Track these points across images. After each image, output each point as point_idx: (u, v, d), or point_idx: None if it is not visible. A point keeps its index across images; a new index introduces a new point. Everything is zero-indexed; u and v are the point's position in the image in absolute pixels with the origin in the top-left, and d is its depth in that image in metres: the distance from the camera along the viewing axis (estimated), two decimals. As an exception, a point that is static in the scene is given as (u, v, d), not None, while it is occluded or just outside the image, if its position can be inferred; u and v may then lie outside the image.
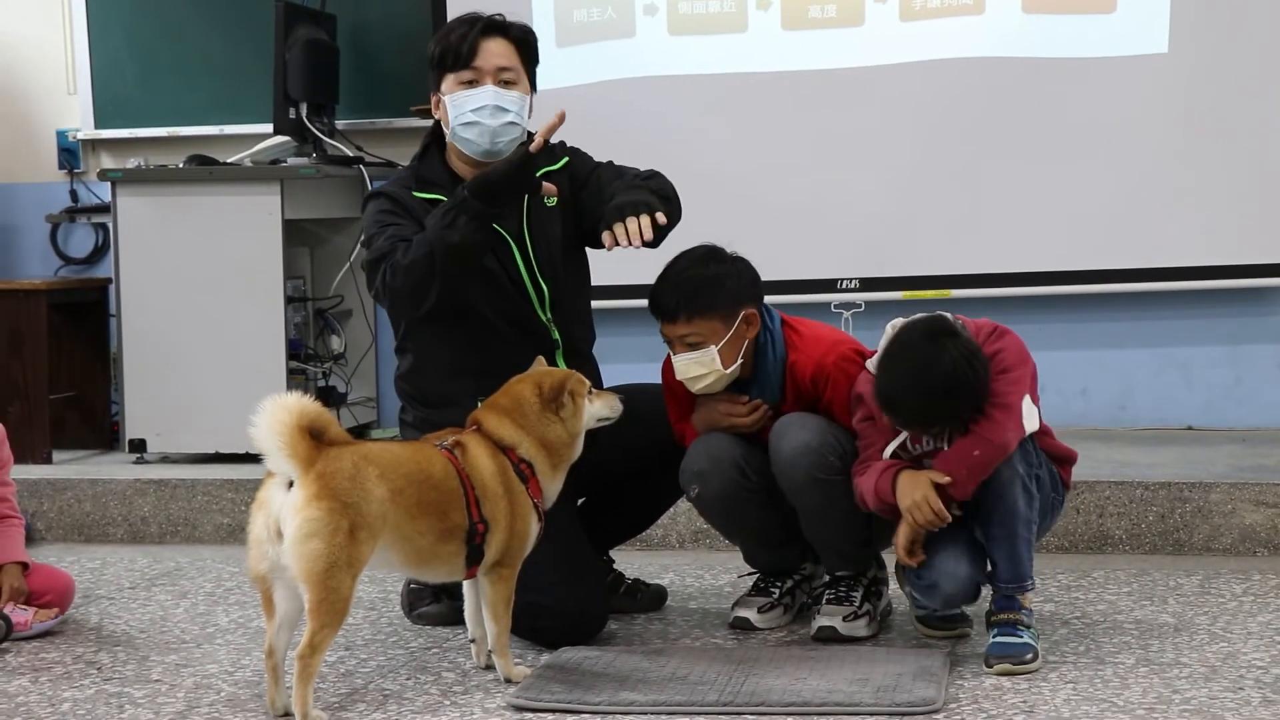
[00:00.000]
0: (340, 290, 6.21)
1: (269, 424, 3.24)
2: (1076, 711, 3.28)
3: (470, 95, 3.97)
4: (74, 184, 6.79)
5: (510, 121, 3.98)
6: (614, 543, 4.31)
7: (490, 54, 3.99)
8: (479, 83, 3.98)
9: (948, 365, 3.55)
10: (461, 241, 3.76)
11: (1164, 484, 4.93)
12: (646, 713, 3.33)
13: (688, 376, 3.87)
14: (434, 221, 3.81)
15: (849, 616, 3.88)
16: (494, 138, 3.98)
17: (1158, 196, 5.86)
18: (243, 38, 6.41)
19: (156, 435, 5.89)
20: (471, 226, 3.76)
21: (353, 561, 3.27)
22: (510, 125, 3.98)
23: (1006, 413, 3.60)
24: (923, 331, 3.64)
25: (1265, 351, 6.01)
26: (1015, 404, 3.61)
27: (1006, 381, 3.62)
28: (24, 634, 4.05)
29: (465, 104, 3.97)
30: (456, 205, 3.78)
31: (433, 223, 3.81)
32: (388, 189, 4.06)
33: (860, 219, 6.02)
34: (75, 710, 3.49)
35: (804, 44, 6.05)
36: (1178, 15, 5.81)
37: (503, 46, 4.01)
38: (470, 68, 3.99)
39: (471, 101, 3.97)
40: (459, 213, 3.77)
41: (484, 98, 3.96)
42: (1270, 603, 4.17)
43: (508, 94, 3.98)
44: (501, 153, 3.99)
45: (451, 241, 3.76)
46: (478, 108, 3.96)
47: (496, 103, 3.96)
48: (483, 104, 3.96)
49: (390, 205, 3.99)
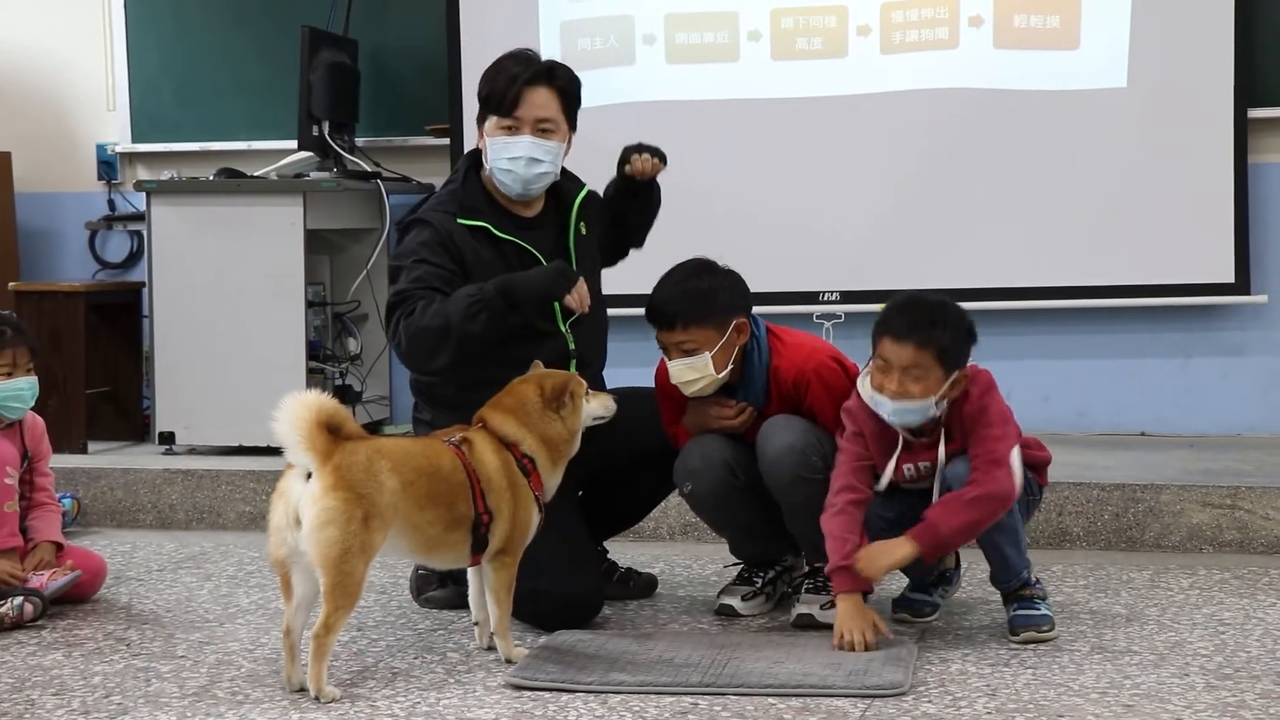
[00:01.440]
0: (357, 296, 6.19)
1: (289, 419, 3.23)
2: (1036, 695, 3.28)
3: (509, 143, 3.95)
4: (111, 194, 6.78)
5: (543, 171, 3.97)
6: (609, 534, 4.30)
7: (532, 105, 3.95)
8: (518, 130, 3.95)
9: (944, 303, 3.67)
10: (482, 334, 3.75)
11: (1118, 485, 4.93)
12: (635, 692, 3.32)
13: (682, 381, 3.86)
14: (459, 305, 3.75)
15: (826, 605, 3.87)
16: (526, 185, 3.98)
17: (1117, 219, 5.87)
18: (270, 60, 6.41)
19: (185, 428, 5.88)
20: (493, 324, 3.75)
21: (366, 548, 3.27)
22: (543, 175, 3.97)
23: (999, 466, 3.60)
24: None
25: (1213, 364, 6.02)
26: (1006, 457, 3.61)
27: (991, 439, 3.62)
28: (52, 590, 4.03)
29: (504, 151, 3.95)
30: (482, 300, 3.74)
31: (457, 305, 3.75)
32: (431, 217, 3.97)
33: (842, 236, 6.02)
34: (105, 683, 3.48)
35: (791, 73, 6.05)
36: (1136, 53, 5.83)
37: (545, 96, 3.97)
38: (512, 116, 3.95)
39: (510, 150, 3.95)
40: (484, 308, 3.74)
41: (521, 148, 3.94)
42: (1215, 596, 4.17)
43: (544, 143, 3.95)
44: (532, 195, 4.01)
45: (471, 331, 3.74)
46: (514, 157, 3.95)
47: (531, 154, 3.94)
48: (519, 155, 3.94)
49: (430, 237, 3.91)
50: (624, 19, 6.16)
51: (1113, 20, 5.84)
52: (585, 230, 4.09)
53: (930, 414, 3.63)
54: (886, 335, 3.64)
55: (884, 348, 3.63)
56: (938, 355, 3.59)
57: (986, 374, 3.71)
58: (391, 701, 3.30)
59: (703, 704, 3.25)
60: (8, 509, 4.15)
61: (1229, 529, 4.81)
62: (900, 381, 3.60)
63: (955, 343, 3.63)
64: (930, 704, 3.23)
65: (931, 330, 3.60)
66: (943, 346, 3.60)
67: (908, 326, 3.61)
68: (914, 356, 3.59)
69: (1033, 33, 5.90)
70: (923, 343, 3.59)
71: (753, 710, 3.20)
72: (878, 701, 3.24)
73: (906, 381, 3.60)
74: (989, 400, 3.67)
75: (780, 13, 6.05)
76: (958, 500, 3.60)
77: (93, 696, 3.38)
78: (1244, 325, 5.98)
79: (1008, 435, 3.65)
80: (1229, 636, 3.74)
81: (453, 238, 3.92)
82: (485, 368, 3.79)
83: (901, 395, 3.61)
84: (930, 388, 3.60)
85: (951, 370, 3.62)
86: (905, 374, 3.60)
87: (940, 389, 3.61)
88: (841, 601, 3.64)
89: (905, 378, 3.60)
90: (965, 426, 3.65)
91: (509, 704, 3.28)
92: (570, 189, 4.10)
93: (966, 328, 3.66)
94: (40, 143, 6.80)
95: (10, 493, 4.16)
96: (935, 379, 3.60)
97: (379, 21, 6.39)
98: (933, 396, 3.61)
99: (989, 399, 3.67)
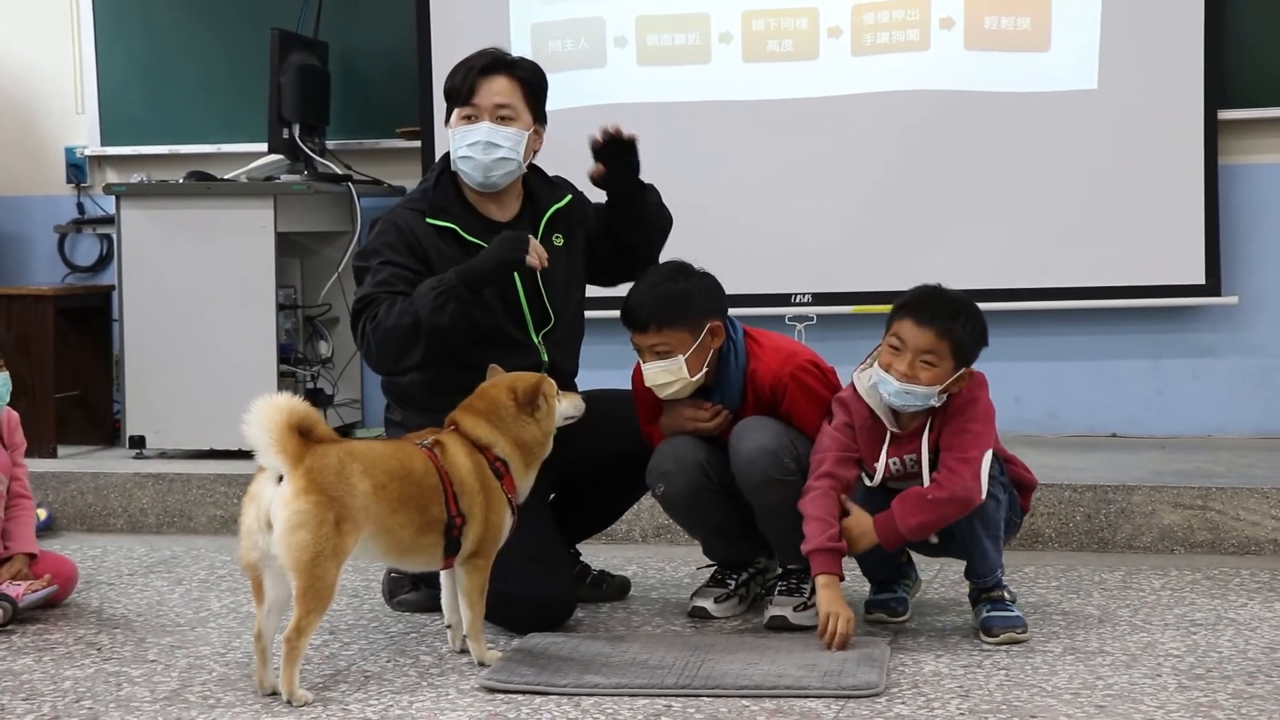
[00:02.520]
0: (328, 299, 6.18)
1: (260, 422, 3.22)
2: (1009, 696, 3.29)
3: (467, 131, 3.95)
4: (81, 197, 6.76)
5: (503, 157, 3.95)
6: (581, 536, 4.30)
7: (489, 92, 3.96)
8: (477, 119, 3.96)
9: (966, 300, 3.72)
10: (450, 325, 3.74)
11: (1090, 486, 4.94)
12: (609, 694, 3.32)
13: (656, 384, 3.86)
14: (424, 299, 3.74)
15: (799, 607, 3.88)
16: (486, 171, 3.96)
17: (1087, 221, 5.89)
18: (240, 62, 6.39)
19: (155, 432, 5.86)
20: (460, 312, 3.75)
21: (337, 551, 3.26)
22: (503, 160, 3.96)
23: (967, 465, 3.63)
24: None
25: (1184, 365, 6.04)
26: (976, 458, 3.64)
27: (970, 435, 3.66)
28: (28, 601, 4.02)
29: (463, 139, 3.96)
30: (446, 290, 3.74)
31: (423, 299, 3.74)
32: (399, 215, 3.97)
33: (814, 238, 6.03)
34: (76, 688, 3.46)
35: (763, 75, 6.06)
36: (1106, 55, 5.84)
37: (503, 84, 3.97)
38: (470, 104, 3.96)
39: (468, 137, 3.95)
40: (449, 297, 3.73)
41: (478, 134, 3.94)
42: (1186, 597, 4.18)
43: (502, 130, 3.95)
44: (496, 185, 3.99)
45: (440, 324, 3.74)
46: (472, 143, 3.94)
47: (489, 139, 3.94)
48: (476, 139, 3.94)
49: (394, 236, 3.91)
50: (595, 21, 6.16)
51: (1083, 22, 5.86)
52: (561, 241, 4.06)
53: (930, 403, 3.67)
54: (909, 317, 3.67)
55: (903, 329, 3.67)
56: (953, 347, 3.65)
57: (981, 374, 3.76)
58: (364, 705, 3.29)
59: (676, 706, 3.24)
60: None
61: (1200, 530, 4.83)
62: (912, 365, 3.64)
63: (971, 340, 3.68)
64: (904, 705, 3.24)
65: (953, 322, 3.66)
66: (959, 340, 3.66)
67: (931, 313, 3.67)
68: (932, 343, 3.64)
69: (1003, 34, 5.92)
70: (942, 332, 3.65)
71: (726, 712, 3.20)
72: (851, 703, 3.25)
73: (918, 366, 3.64)
74: (979, 395, 3.71)
75: (751, 15, 6.05)
76: (920, 498, 3.65)
77: (63, 701, 3.36)
78: (1215, 326, 6.00)
79: (983, 436, 3.67)
80: (1200, 637, 3.75)
81: (417, 237, 3.91)
82: (456, 371, 3.79)
83: (909, 379, 3.64)
84: (938, 377, 3.65)
85: (961, 366, 3.66)
86: (918, 358, 3.64)
87: (946, 381, 3.65)
88: (823, 585, 3.64)
89: (918, 362, 3.64)
90: (948, 414, 3.69)
91: (482, 707, 3.27)
92: (546, 196, 4.08)
93: (982, 329, 3.72)
94: (8, 146, 6.77)
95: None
96: (945, 370, 3.65)
97: (349, 24, 6.37)
98: (938, 386, 3.65)
99: (979, 393, 3.72)
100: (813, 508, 3.69)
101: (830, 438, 3.76)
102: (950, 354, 3.65)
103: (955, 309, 3.68)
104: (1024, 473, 3.92)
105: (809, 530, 3.67)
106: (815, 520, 3.67)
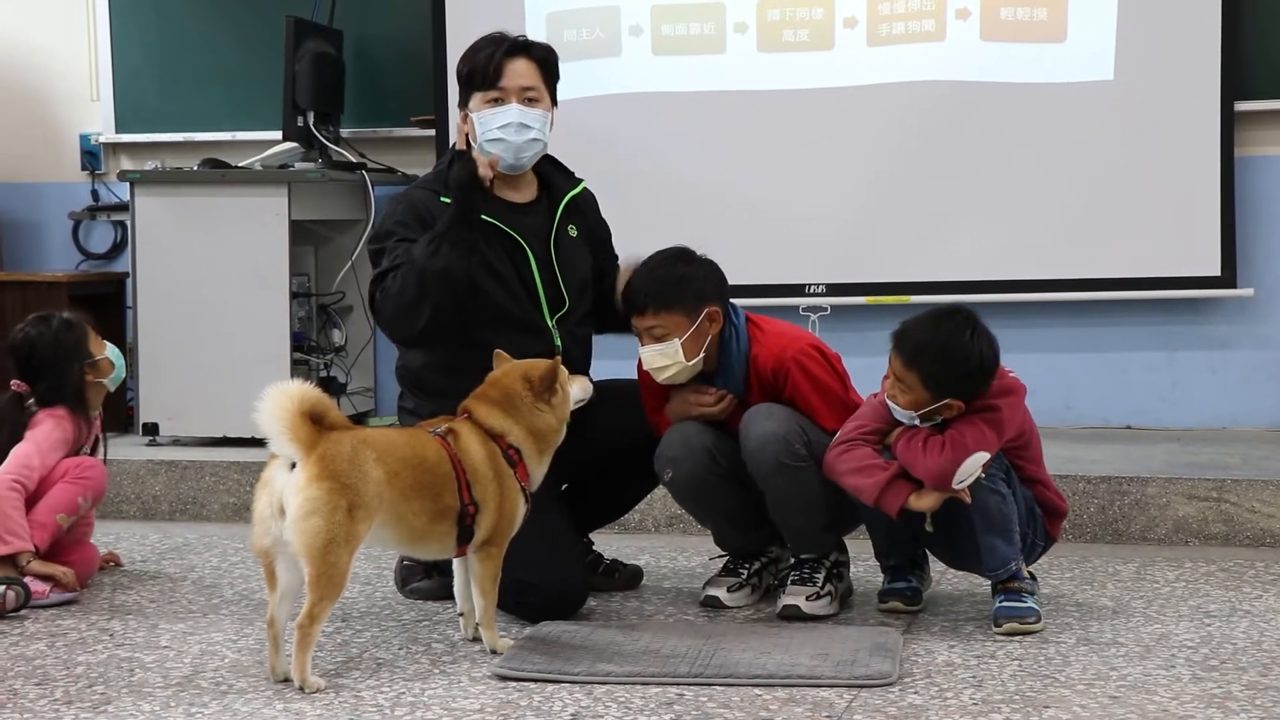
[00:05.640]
0: (342, 287, 6.19)
1: (273, 409, 3.22)
2: (1022, 686, 3.28)
3: (496, 113, 3.94)
4: (95, 184, 6.76)
5: (533, 138, 3.96)
6: (594, 525, 4.30)
7: (515, 74, 3.96)
8: (504, 101, 3.95)
9: (972, 349, 3.64)
10: (447, 267, 3.76)
11: (1104, 478, 4.93)
12: (621, 682, 3.32)
13: (653, 367, 3.87)
14: (420, 250, 3.79)
15: (812, 596, 3.87)
16: (518, 153, 3.96)
17: (1102, 212, 5.87)
18: (255, 50, 6.39)
19: (169, 420, 5.87)
20: (455, 254, 3.77)
21: (350, 538, 3.26)
22: (533, 141, 3.97)
23: (956, 449, 3.63)
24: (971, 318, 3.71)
25: (1199, 357, 6.02)
26: (969, 446, 3.63)
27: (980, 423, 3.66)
28: (41, 602, 4.03)
29: (492, 121, 3.95)
30: (436, 235, 3.78)
31: (420, 252, 3.79)
32: (413, 195, 3.99)
33: (828, 228, 6.01)
34: (89, 673, 3.47)
35: (778, 65, 6.05)
36: (1123, 46, 5.83)
37: (526, 66, 3.99)
38: (497, 87, 3.96)
39: (498, 119, 3.94)
40: (440, 241, 3.77)
41: (509, 115, 3.94)
42: (1201, 588, 4.17)
43: (531, 111, 3.95)
44: (523, 166, 4.00)
45: (437, 267, 3.76)
46: (504, 124, 3.94)
47: (521, 120, 3.94)
48: (508, 121, 3.94)
49: (407, 213, 3.93)
50: (610, 10, 6.15)
51: (1100, 13, 5.84)
52: (576, 232, 4.07)
53: (912, 421, 3.70)
54: (893, 341, 3.72)
55: (892, 350, 3.73)
56: (922, 379, 3.66)
57: (1016, 382, 3.76)
58: (376, 692, 3.29)
59: (689, 694, 3.24)
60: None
61: (1215, 521, 4.82)
62: (893, 386, 3.71)
63: (948, 377, 3.65)
64: (916, 695, 3.23)
65: (920, 355, 3.65)
66: (929, 374, 3.66)
67: (902, 342, 3.69)
68: (901, 371, 3.69)
69: (1020, 25, 5.90)
70: (908, 363, 3.67)
71: (739, 700, 3.20)
72: (864, 692, 3.24)
73: (896, 388, 3.71)
74: (1001, 404, 3.70)
75: (767, 5, 6.04)
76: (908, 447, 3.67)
77: (76, 686, 3.36)
78: (1230, 319, 5.98)
79: (987, 439, 3.65)
80: (1215, 628, 3.75)
81: (433, 214, 3.91)
82: (469, 352, 3.79)
83: (891, 397, 3.72)
84: (914, 403, 3.69)
85: (942, 397, 3.67)
86: (895, 382, 3.71)
87: (925, 408, 3.68)
88: (919, 495, 3.66)
89: (896, 385, 3.71)
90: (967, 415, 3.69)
91: (494, 694, 3.27)
92: (562, 184, 4.09)
93: (969, 370, 3.66)
94: (23, 132, 6.78)
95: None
96: (921, 397, 3.68)
97: (363, 12, 6.37)
98: (914, 411, 3.69)
99: (1003, 402, 3.70)
100: (854, 456, 3.72)
101: (871, 407, 3.80)
102: (920, 385, 3.66)
103: (928, 345, 3.66)
104: (1055, 498, 3.90)
105: (864, 474, 3.69)
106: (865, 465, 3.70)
